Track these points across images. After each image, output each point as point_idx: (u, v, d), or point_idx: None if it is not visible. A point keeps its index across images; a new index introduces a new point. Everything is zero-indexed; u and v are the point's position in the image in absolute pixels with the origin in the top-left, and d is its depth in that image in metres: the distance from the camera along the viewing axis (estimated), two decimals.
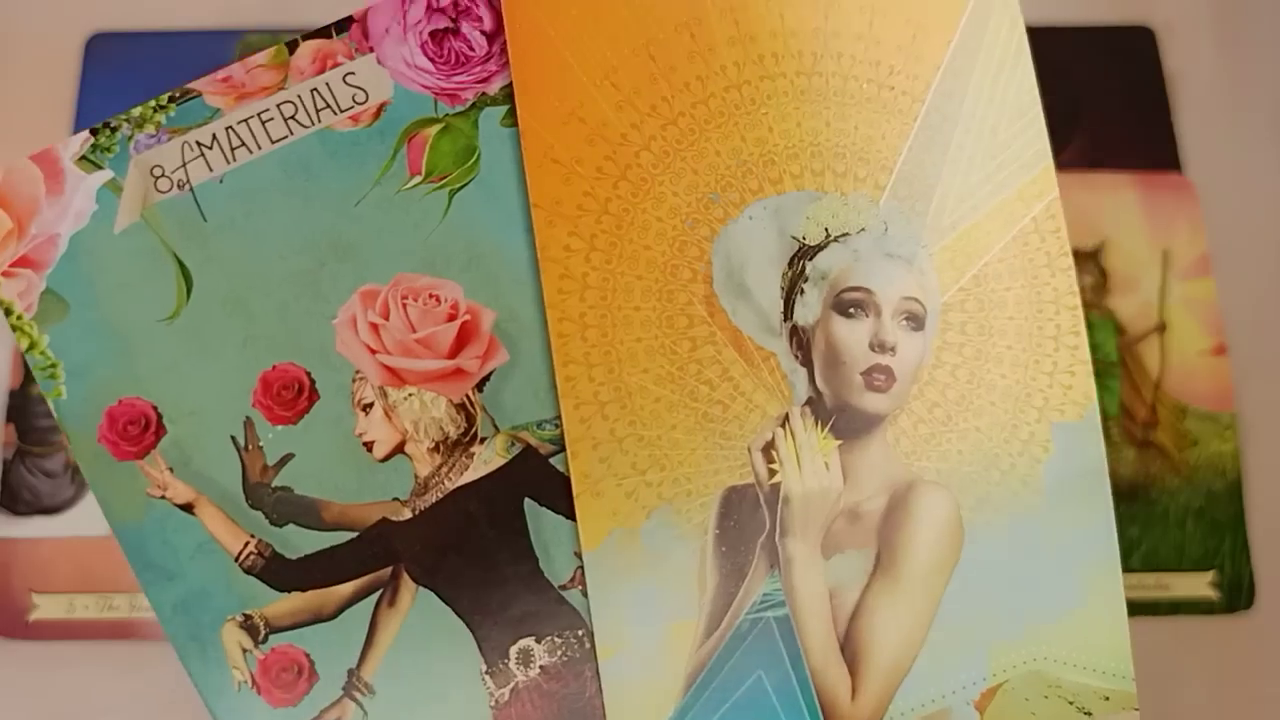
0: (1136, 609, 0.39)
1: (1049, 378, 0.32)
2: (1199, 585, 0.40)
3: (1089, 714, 0.31)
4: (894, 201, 0.32)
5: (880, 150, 0.31)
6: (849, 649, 0.30)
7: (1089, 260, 0.43)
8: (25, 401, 0.40)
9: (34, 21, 0.44)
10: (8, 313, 0.28)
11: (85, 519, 0.39)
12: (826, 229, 0.31)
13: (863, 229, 0.31)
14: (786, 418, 0.31)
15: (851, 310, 0.31)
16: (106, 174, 0.29)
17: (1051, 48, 0.43)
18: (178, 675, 0.37)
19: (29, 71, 0.43)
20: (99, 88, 0.42)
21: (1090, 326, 0.43)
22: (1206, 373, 0.42)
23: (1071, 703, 0.31)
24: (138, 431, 0.28)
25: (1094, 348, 0.42)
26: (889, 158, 0.32)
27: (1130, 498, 0.41)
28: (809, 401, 0.31)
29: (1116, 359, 0.42)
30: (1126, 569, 0.39)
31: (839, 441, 0.31)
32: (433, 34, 0.30)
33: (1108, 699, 0.31)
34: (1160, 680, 0.39)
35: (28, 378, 0.40)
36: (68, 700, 0.38)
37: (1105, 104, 0.45)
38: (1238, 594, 0.40)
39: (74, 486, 0.39)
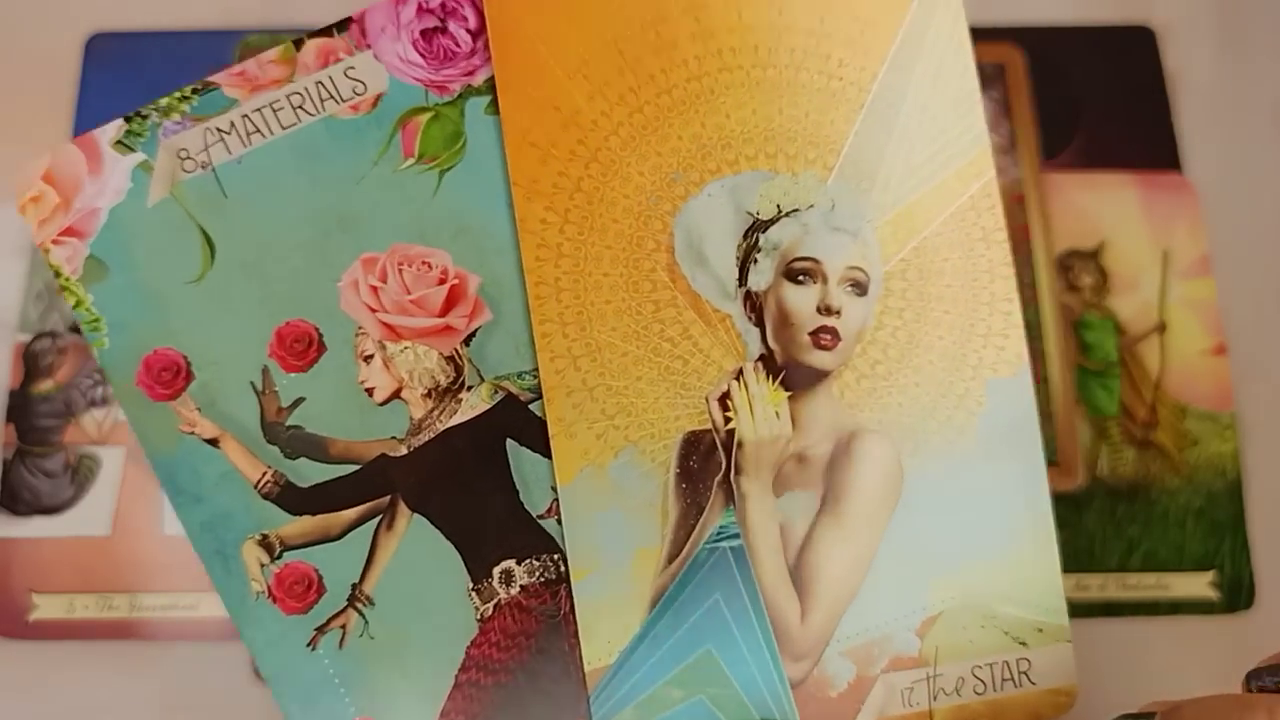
0: (1136, 609, 0.39)
1: (984, 339, 0.34)
2: (1199, 585, 0.38)
3: (1024, 644, 0.33)
4: (841, 181, 0.34)
5: (829, 135, 0.34)
6: (798, 577, 0.33)
7: (1089, 260, 0.42)
8: (25, 401, 0.39)
9: (34, 21, 0.42)
10: (57, 274, 0.32)
11: (85, 519, 0.38)
12: (778, 205, 0.34)
13: (812, 205, 0.33)
14: (740, 372, 0.33)
15: (800, 278, 0.33)
16: (139, 156, 0.31)
17: (1051, 48, 0.44)
18: (178, 675, 0.37)
19: (29, 71, 0.42)
20: (99, 88, 0.41)
21: (1090, 326, 0.42)
22: (1206, 373, 0.40)
23: (1007, 633, 0.33)
24: (170, 377, 0.31)
25: (1094, 348, 0.41)
26: (837, 141, 0.34)
27: (1130, 498, 0.39)
28: (761, 358, 0.33)
29: (1116, 359, 0.41)
30: (1126, 569, 0.39)
31: (789, 393, 0.33)
32: (423, 32, 0.32)
33: (1041, 630, 0.33)
34: (1160, 680, 0.37)
35: (28, 378, 0.39)
36: (68, 700, 0.36)
37: (1105, 104, 0.43)
38: (1238, 594, 0.38)
39: (74, 486, 0.38)
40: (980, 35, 0.34)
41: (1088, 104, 0.43)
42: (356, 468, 0.32)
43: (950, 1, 0.34)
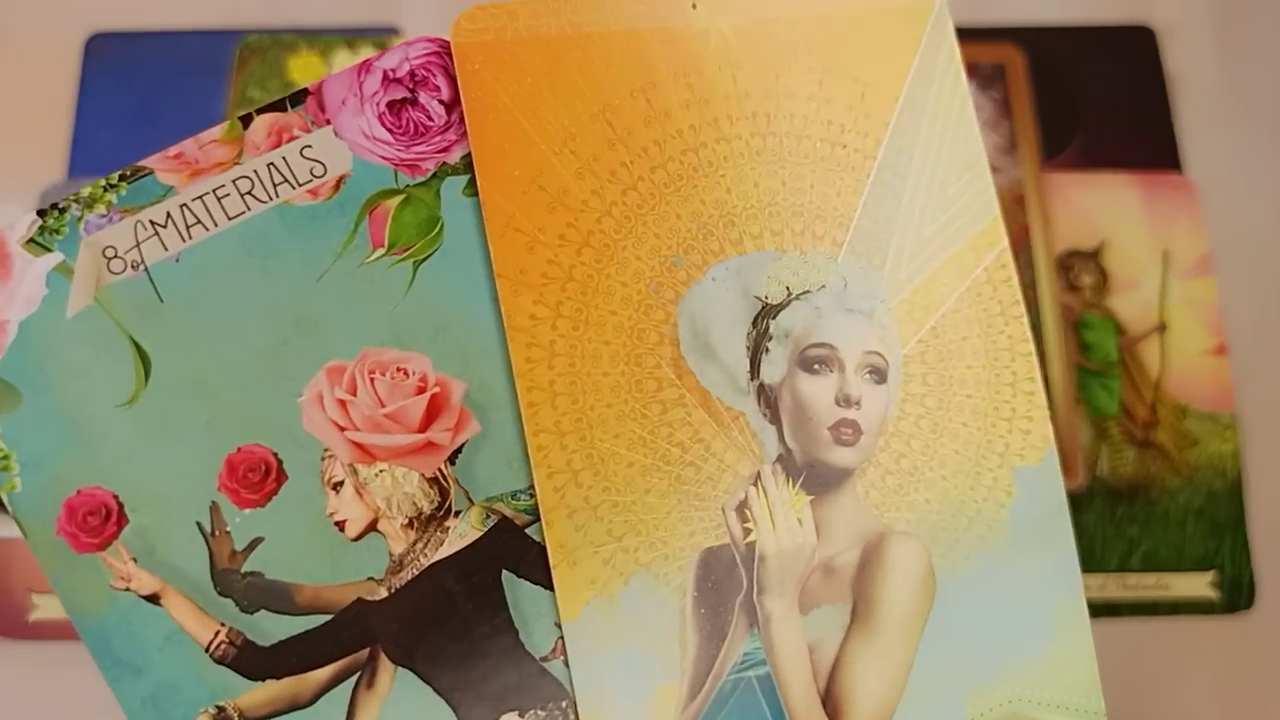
0: (1136, 609, 0.42)
1: (1009, 424, 0.36)
2: (1199, 585, 0.44)
3: None
4: (852, 257, 0.35)
5: (836, 207, 0.35)
6: (830, 703, 0.34)
7: (1089, 260, 0.47)
8: None
9: (34, 21, 0.47)
10: None
11: None
12: (788, 287, 0.35)
13: (823, 285, 0.35)
14: (758, 476, 0.34)
15: (816, 366, 0.34)
16: (56, 256, 0.31)
17: (1051, 48, 0.49)
18: None
19: (29, 71, 0.47)
20: (99, 88, 0.47)
21: (1090, 326, 0.46)
22: (1206, 373, 0.46)
23: None
24: (98, 522, 0.30)
25: (1094, 348, 0.45)
26: (845, 214, 0.35)
27: (1130, 498, 0.44)
28: (779, 459, 0.34)
29: (1116, 359, 0.46)
30: (1126, 569, 0.43)
31: (810, 497, 0.34)
32: (390, 104, 0.32)
33: None
34: (1160, 680, 0.42)
35: None
36: (68, 700, 0.41)
37: (1105, 104, 0.49)
38: (1238, 594, 0.44)
39: None
40: (980, 35, 0.40)
41: (1088, 104, 0.49)
42: (329, 618, 0.31)
43: (950, 59, 0.39)
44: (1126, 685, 0.41)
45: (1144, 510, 0.45)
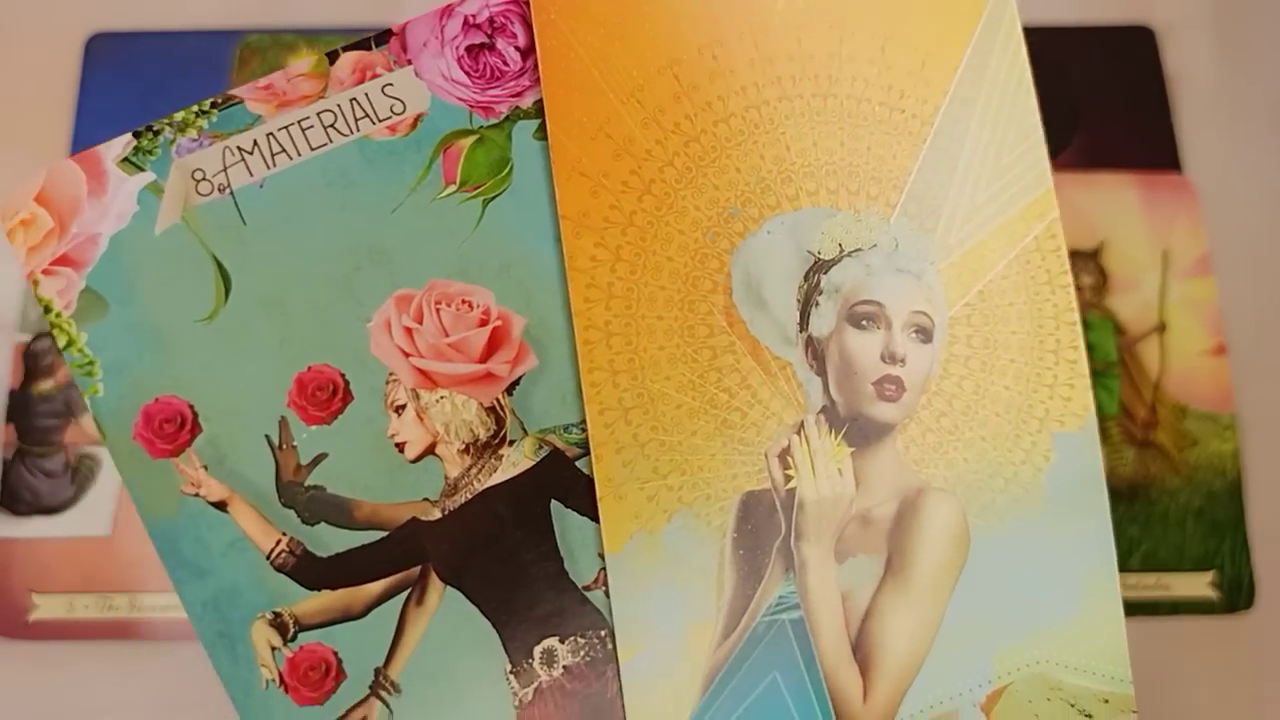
0: (1136, 609, 0.43)
1: (1050, 389, 0.36)
2: (1199, 585, 0.44)
3: (1089, 716, 0.35)
4: (904, 219, 0.36)
5: (891, 170, 0.36)
6: (860, 651, 0.34)
7: (1089, 260, 0.47)
8: (25, 401, 0.44)
9: (34, 21, 0.48)
10: (47, 310, 0.31)
11: (85, 519, 0.43)
12: (840, 244, 0.36)
13: (875, 245, 0.36)
14: (802, 425, 0.35)
15: (864, 322, 0.35)
16: (148, 176, 0.32)
17: (1051, 48, 0.49)
18: (178, 675, 0.40)
19: (29, 71, 0.47)
20: (99, 88, 0.47)
21: (1090, 326, 0.46)
22: (1206, 373, 0.46)
23: (1073, 705, 0.35)
24: (173, 429, 0.32)
25: (1094, 348, 0.45)
26: (900, 177, 0.36)
27: (1130, 498, 0.45)
28: (823, 410, 0.35)
29: (1116, 359, 0.46)
30: (1126, 569, 0.42)
31: (851, 449, 0.35)
32: (469, 49, 0.34)
33: (1107, 701, 0.35)
34: (1160, 680, 0.42)
35: (28, 378, 0.44)
36: (68, 700, 0.41)
37: (1105, 104, 0.49)
38: (1238, 594, 0.44)
39: (74, 486, 0.43)
40: None
41: (1088, 104, 0.49)
42: (384, 534, 0.33)
43: (1012, 33, 0.40)
44: None
45: (1144, 510, 0.45)
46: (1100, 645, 0.36)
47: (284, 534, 0.33)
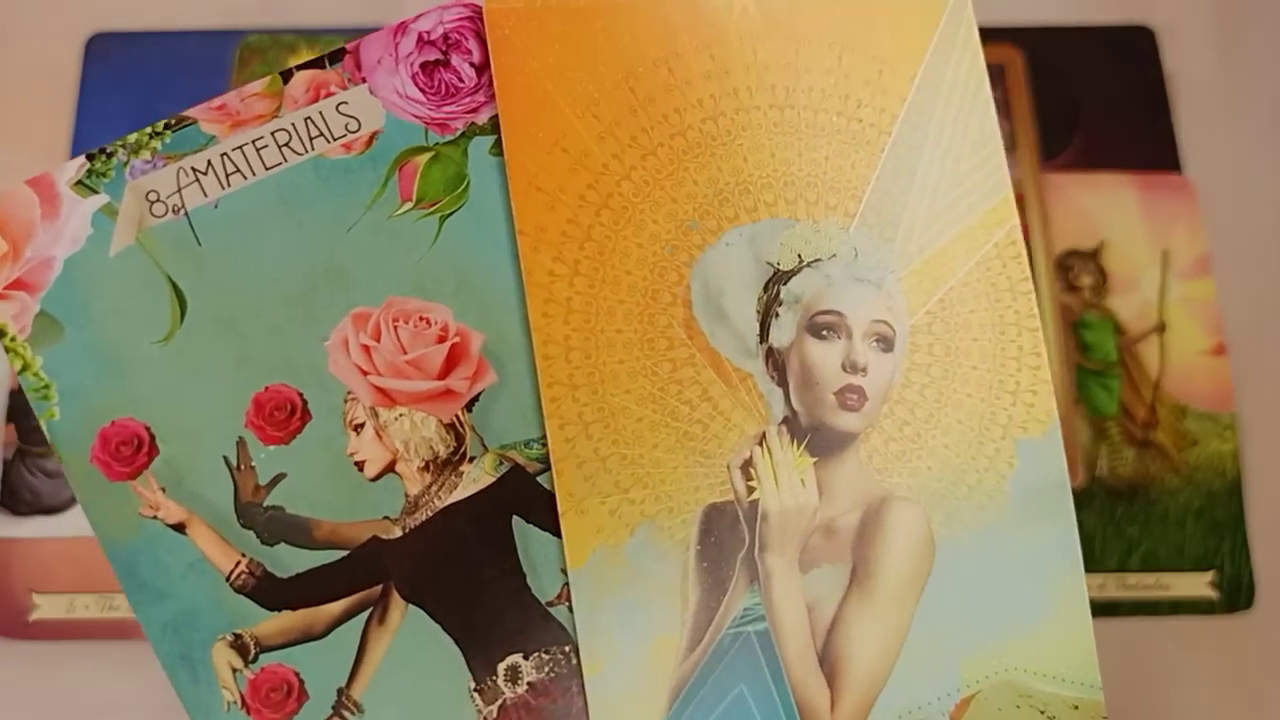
0: (1136, 609, 0.43)
1: (1012, 396, 0.36)
2: (1199, 585, 0.44)
3: None
4: (863, 228, 0.36)
5: (850, 179, 0.36)
6: (827, 661, 0.34)
7: (1089, 260, 0.47)
8: (25, 402, 0.43)
9: (34, 21, 0.48)
10: (1, 334, 0.31)
11: (85, 519, 0.43)
12: (800, 255, 0.36)
13: (834, 255, 0.36)
14: (764, 436, 0.35)
15: (824, 332, 0.35)
16: (102, 198, 0.32)
17: (1051, 48, 0.49)
18: None
19: (29, 71, 0.47)
20: (99, 88, 0.47)
21: (1090, 327, 0.47)
22: (1206, 373, 0.47)
23: (1043, 712, 0.35)
24: (130, 452, 0.32)
25: (1094, 348, 0.46)
26: (858, 186, 0.36)
27: (1130, 498, 0.45)
28: (785, 420, 0.35)
29: (1116, 359, 0.46)
30: (1126, 569, 0.43)
31: (814, 459, 0.35)
32: (423, 65, 0.34)
33: (1077, 708, 0.35)
34: (1160, 680, 0.42)
35: None
36: (68, 700, 0.42)
37: (1105, 104, 0.49)
38: (1237, 594, 0.44)
39: None
40: (980, 35, 0.41)
41: (1088, 104, 0.49)
42: (344, 553, 0.33)
43: (968, 40, 0.40)
44: (1126, 685, 0.42)
45: (1143, 510, 0.45)
46: (1069, 652, 0.36)
47: (243, 555, 0.33)
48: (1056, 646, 0.36)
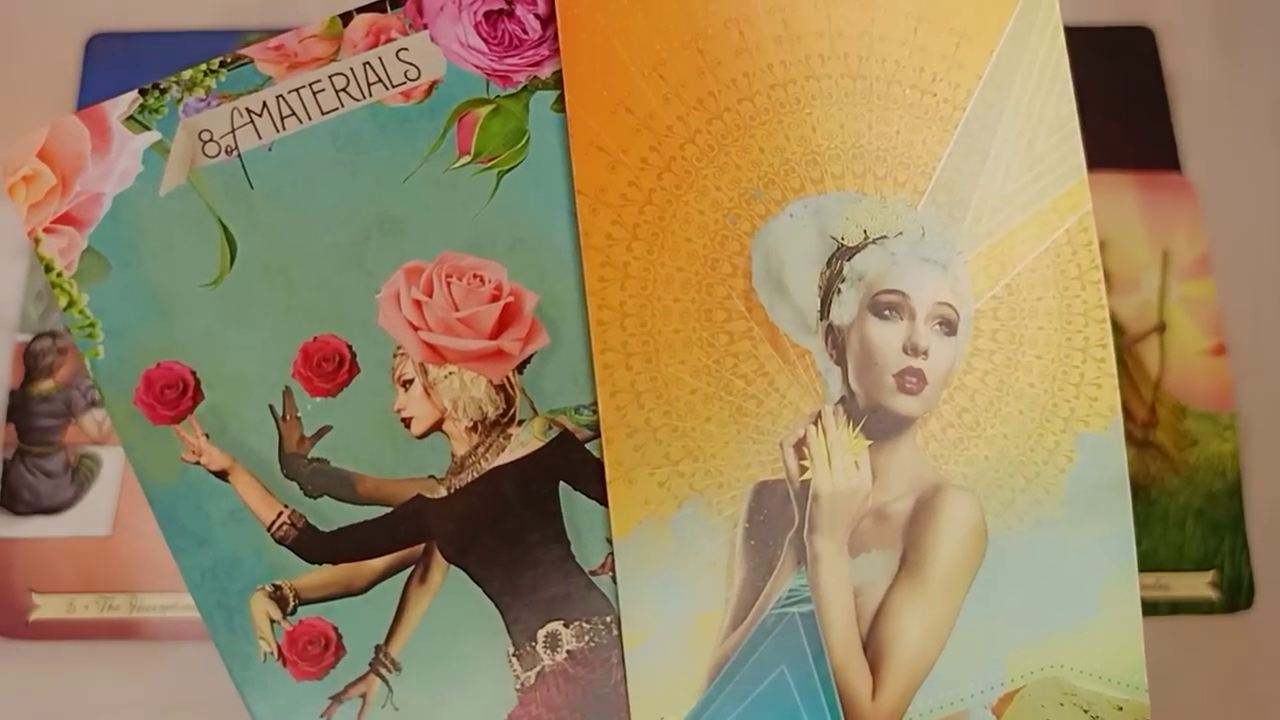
0: None
1: (1076, 389, 0.36)
2: (1199, 585, 0.44)
3: None
4: (932, 207, 0.35)
5: (920, 155, 0.35)
6: (871, 648, 0.34)
7: None
8: (25, 401, 0.44)
9: (34, 21, 0.48)
10: (48, 269, 0.30)
11: (85, 519, 0.43)
12: (865, 231, 0.35)
13: (900, 233, 0.35)
14: (819, 415, 0.34)
15: (887, 312, 0.35)
16: (154, 135, 0.31)
17: None
18: (178, 675, 0.40)
19: (29, 71, 0.47)
20: (99, 88, 0.46)
21: None
22: (1206, 373, 0.46)
23: (1086, 711, 0.35)
24: (175, 396, 0.31)
25: None
26: (929, 163, 0.35)
27: (1130, 498, 0.46)
28: (841, 400, 0.34)
29: (1116, 359, 0.48)
30: None
31: (869, 441, 0.34)
32: (487, 15, 0.33)
33: (1121, 709, 0.35)
34: (1160, 680, 0.40)
35: (28, 378, 0.44)
36: (68, 700, 0.41)
37: (1105, 104, 0.48)
38: (1237, 594, 0.44)
39: (74, 486, 0.43)
40: None
41: (1088, 104, 0.48)
42: (387, 510, 0.32)
43: (1050, 18, 0.38)
44: None
45: (1144, 510, 0.45)
46: (1117, 652, 0.35)
47: (286, 506, 0.32)
48: (1104, 646, 0.35)
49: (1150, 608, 0.44)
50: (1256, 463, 0.45)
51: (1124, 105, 0.49)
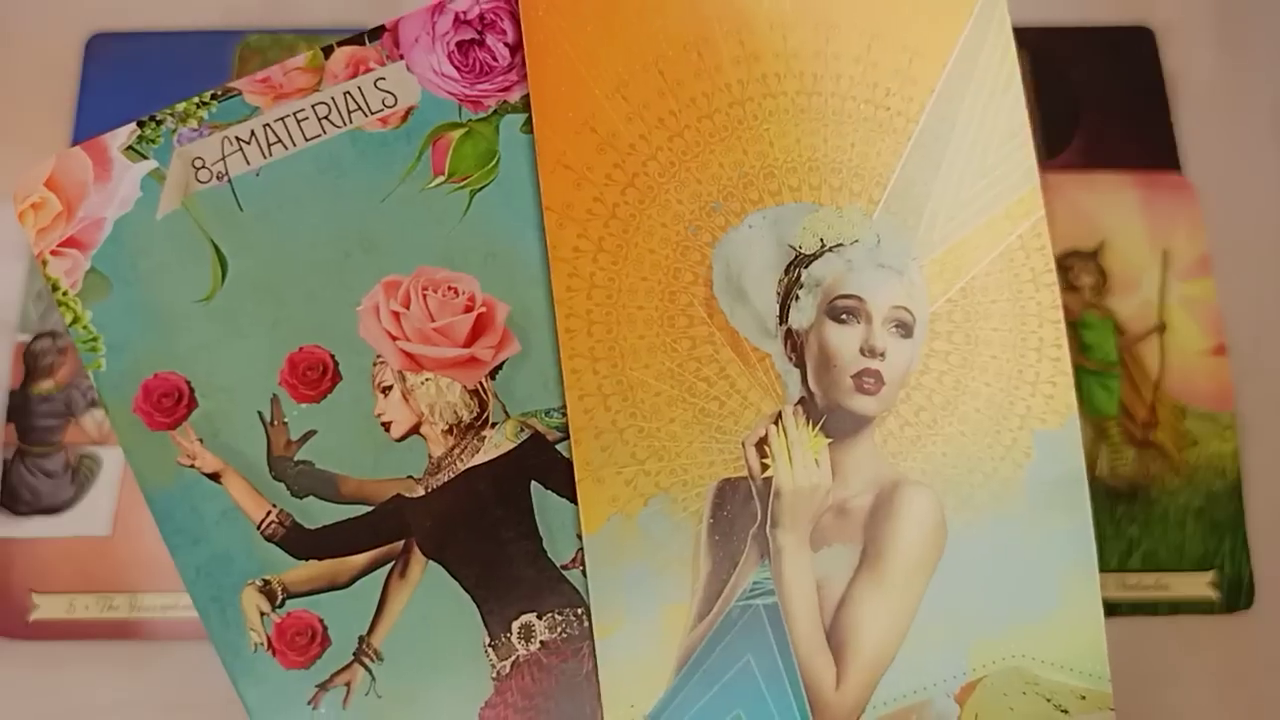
0: (1136, 609, 0.43)
1: (1031, 387, 0.37)
2: (1199, 585, 0.44)
3: (1065, 712, 0.36)
4: (887, 215, 0.36)
5: (875, 166, 0.36)
6: (834, 638, 0.35)
7: (1089, 260, 0.47)
8: (25, 401, 0.44)
9: (34, 21, 0.48)
10: (54, 288, 0.33)
11: (85, 519, 0.43)
12: (822, 239, 0.36)
13: (856, 240, 0.36)
14: (779, 416, 0.35)
15: (844, 316, 0.36)
16: (151, 164, 0.34)
17: (1051, 48, 0.49)
18: (178, 675, 0.41)
19: (29, 71, 0.47)
20: (99, 88, 0.47)
21: (1090, 326, 0.46)
22: (1206, 373, 0.46)
23: (1049, 700, 0.36)
24: (171, 404, 0.33)
25: (1094, 348, 0.45)
26: (883, 174, 0.36)
27: (1130, 498, 0.44)
28: (801, 401, 0.36)
29: (1116, 359, 0.46)
30: (1126, 569, 0.43)
31: (829, 440, 0.36)
32: (459, 44, 0.35)
33: (1084, 698, 0.36)
34: (1160, 680, 0.42)
35: (28, 378, 0.44)
36: (68, 700, 0.42)
37: (1105, 104, 0.48)
38: (1237, 594, 0.44)
39: (74, 486, 0.43)
40: None
41: (1088, 104, 0.49)
42: (369, 509, 0.34)
43: (1001, 31, 0.40)
44: (1126, 685, 0.42)
45: (1144, 510, 0.45)
46: (1079, 642, 0.36)
47: (274, 505, 0.34)
48: (1066, 637, 0.36)
49: (1150, 608, 0.44)
50: (1256, 463, 0.44)
51: (1124, 105, 0.48)
